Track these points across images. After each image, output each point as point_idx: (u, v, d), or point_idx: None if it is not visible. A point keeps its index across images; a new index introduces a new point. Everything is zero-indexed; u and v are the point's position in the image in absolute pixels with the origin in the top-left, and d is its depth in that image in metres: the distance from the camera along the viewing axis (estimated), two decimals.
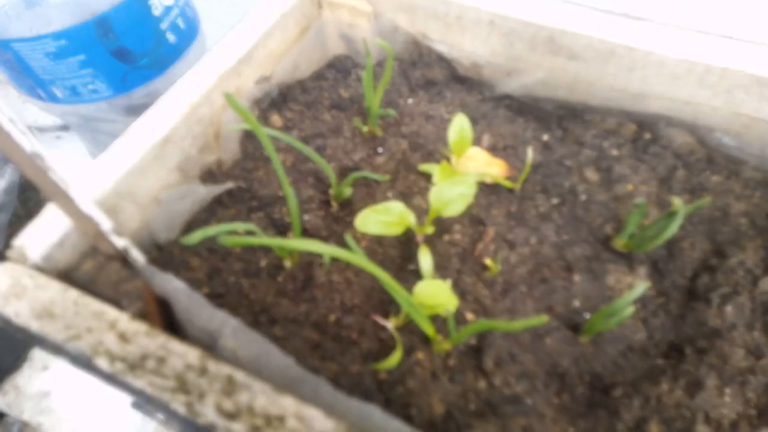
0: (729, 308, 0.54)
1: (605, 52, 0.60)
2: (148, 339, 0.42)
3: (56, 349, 0.45)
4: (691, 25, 0.58)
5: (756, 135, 0.60)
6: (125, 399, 0.60)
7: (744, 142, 0.61)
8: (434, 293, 0.51)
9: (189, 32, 0.83)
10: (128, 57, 0.74)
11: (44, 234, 0.48)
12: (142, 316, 0.48)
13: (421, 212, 0.62)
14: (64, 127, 1.02)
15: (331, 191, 0.62)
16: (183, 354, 0.41)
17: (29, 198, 1.10)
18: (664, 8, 0.58)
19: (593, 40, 0.59)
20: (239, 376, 0.40)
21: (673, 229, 0.53)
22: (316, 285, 0.56)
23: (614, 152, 0.65)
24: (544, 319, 0.40)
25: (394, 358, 0.50)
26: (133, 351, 0.42)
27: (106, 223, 0.48)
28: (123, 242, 0.50)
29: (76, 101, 0.75)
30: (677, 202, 0.50)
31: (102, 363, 0.42)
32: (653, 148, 0.64)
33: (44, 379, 0.83)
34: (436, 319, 0.54)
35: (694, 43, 0.58)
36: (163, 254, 0.56)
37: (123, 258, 0.51)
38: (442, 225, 0.61)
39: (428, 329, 0.50)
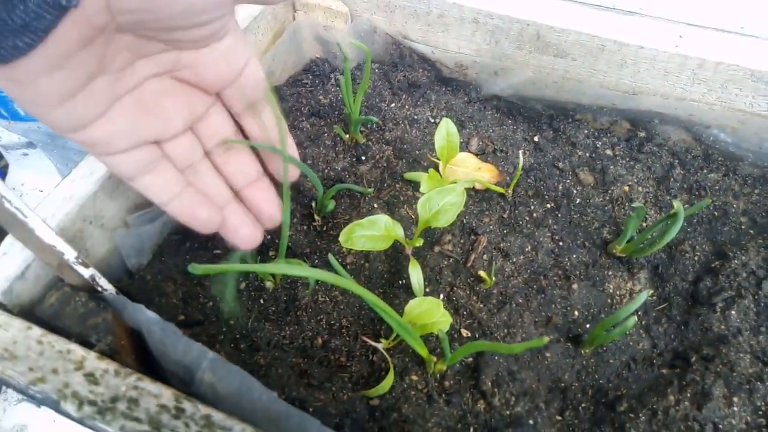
0: (733, 312, 0.52)
1: (594, 48, 0.57)
2: (118, 379, 0.39)
3: (21, 392, 0.42)
4: (682, 17, 0.56)
5: (752, 130, 0.58)
6: None
7: (740, 137, 0.59)
8: (426, 312, 0.48)
9: None
10: None
11: (3, 267, 0.45)
12: (112, 351, 0.44)
13: (409, 223, 0.59)
14: (31, 144, 0.98)
15: (314, 204, 0.59)
16: (157, 394, 0.38)
17: None
18: (653, 1, 0.56)
19: (582, 36, 0.56)
20: (218, 417, 0.36)
21: (674, 233, 0.50)
22: (300, 306, 0.53)
23: (608, 152, 0.63)
24: (544, 340, 0.37)
25: (386, 384, 0.47)
26: (103, 392, 0.38)
27: (70, 253, 0.44)
28: (90, 272, 0.46)
29: None
30: (677, 205, 0.48)
31: (69, 407, 0.38)
32: (648, 147, 0.62)
33: (21, 411, 0.79)
34: (431, 337, 0.51)
35: (686, 37, 0.56)
36: (135, 281, 0.52)
37: (91, 288, 0.47)
38: (432, 236, 0.58)
39: (422, 351, 0.47)
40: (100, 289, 0.47)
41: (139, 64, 0.34)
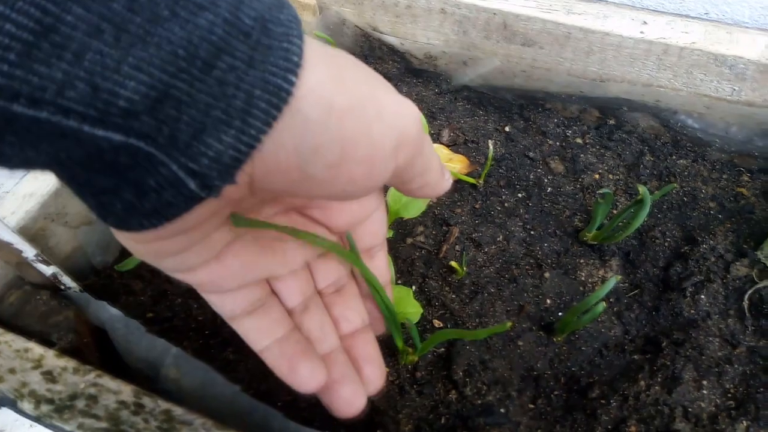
0: (703, 297, 0.52)
1: (561, 36, 0.57)
2: (77, 376, 0.38)
3: None
4: (646, 3, 0.56)
5: (718, 115, 0.58)
6: None
7: (707, 123, 0.59)
8: (397, 301, 0.47)
9: None
10: None
11: None
12: (74, 349, 0.44)
13: None
14: None
15: None
16: (116, 391, 0.37)
17: None
18: None
19: (547, 24, 0.56)
20: (178, 411, 0.36)
21: (642, 218, 0.50)
22: None
23: (578, 140, 0.63)
24: (507, 325, 0.37)
25: None
26: (61, 390, 0.38)
27: (29, 251, 0.44)
28: (51, 269, 0.46)
29: None
30: (643, 190, 0.48)
31: (26, 406, 0.37)
32: (618, 134, 0.62)
33: None
34: (402, 329, 0.51)
35: (650, 23, 0.56)
36: (101, 279, 0.51)
37: (53, 286, 0.47)
38: (405, 227, 0.58)
39: (398, 341, 0.46)
40: (63, 287, 0.47)
41: (267, 206, 0.30)
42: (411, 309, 0.47)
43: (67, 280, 0.47)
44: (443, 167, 0.31)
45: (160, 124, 0.19)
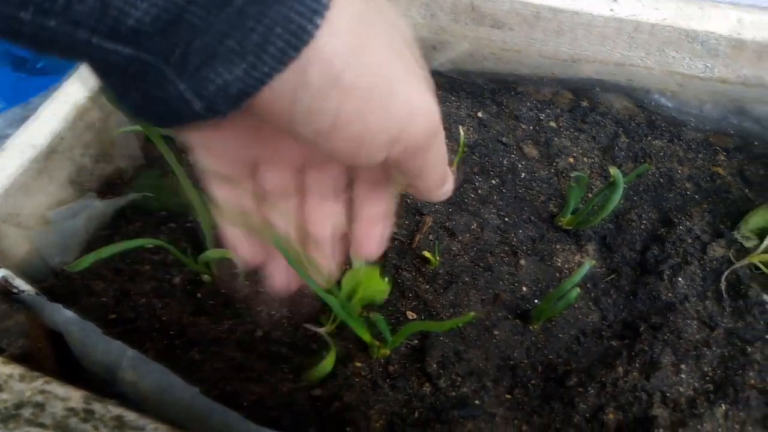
0: (680, 279, 0.51)
1: (530, 16, 0.55)
2: (23, 384, 0.36)
3: None
4: None
5: (691, 93, 0.57)
6: None
7: (681, 101, 0.58)
8: (363, 281, 0.45)
9: None
10: (19, 60, 0.67)
11: None
12: (26, 355, 0.42)
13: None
14: None
15: None
16: (64, 397, 0.36)
17: None
18: None
19: (515, 4, 0.55)
20: (130, 417, 0.34)
21: (615, 200, 0.49)
22: (240, 299, 0.51)
23: (552, 124, 0.61)
24: (470, 316, 0.35)
25: (328, 364, 0.45)
26: (7, 399, 0.36)
27: None
28: (2, 273, 0.44)
29: None
30: (614, 172, 0.47)
31: None
32: (592, 116, 0.61)
33: None
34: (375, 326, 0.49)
35: (620, 1, 0.55)
36: (60, 281, 0.49)
37: (5, 290, 0.45)
38: None
39: (364, 335, 0.45)
40: (15, 290, 0.45)
41: None
42: (376, 287, 0.45)
43: (20, 283, 0.45)
44: (446, 178, 0.29)
45: (173, 46, 0.19)
